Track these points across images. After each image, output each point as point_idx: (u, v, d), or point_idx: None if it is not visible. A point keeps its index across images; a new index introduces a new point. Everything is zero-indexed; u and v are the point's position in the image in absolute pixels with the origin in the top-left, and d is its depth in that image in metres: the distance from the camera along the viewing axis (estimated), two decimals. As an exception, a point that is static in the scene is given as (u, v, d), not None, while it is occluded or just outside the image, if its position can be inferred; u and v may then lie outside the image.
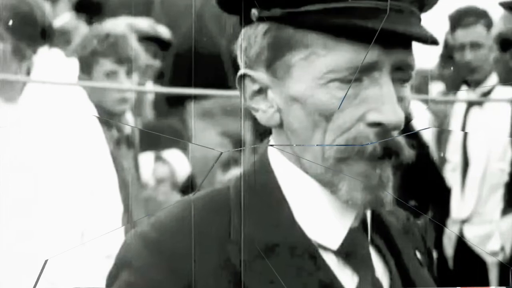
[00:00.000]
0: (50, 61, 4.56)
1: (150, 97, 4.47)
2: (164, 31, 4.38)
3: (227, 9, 1.41)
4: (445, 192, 4.10)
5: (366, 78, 1.21)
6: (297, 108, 1.23)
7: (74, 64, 4.59)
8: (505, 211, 4.16)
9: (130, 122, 4.51)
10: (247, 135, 4.02)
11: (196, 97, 4.27)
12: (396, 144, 1.23)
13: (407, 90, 1.28)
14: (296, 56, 1.22)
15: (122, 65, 4.51)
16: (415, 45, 1.26)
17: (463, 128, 4.05)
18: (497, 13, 4.02)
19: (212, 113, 4.23)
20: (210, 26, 3.82)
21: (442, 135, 4.05)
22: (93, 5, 4.56)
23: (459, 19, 3.90)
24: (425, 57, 3.07)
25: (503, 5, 4.06)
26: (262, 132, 3.30)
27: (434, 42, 1.29)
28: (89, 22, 4.58)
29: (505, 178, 4.16)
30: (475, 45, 4.01)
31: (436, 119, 3.98)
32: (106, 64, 4.54)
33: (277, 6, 1.23)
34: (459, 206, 4.13)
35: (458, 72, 3.96)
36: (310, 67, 1.21)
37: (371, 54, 1.19)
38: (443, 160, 4.06)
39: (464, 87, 4.05)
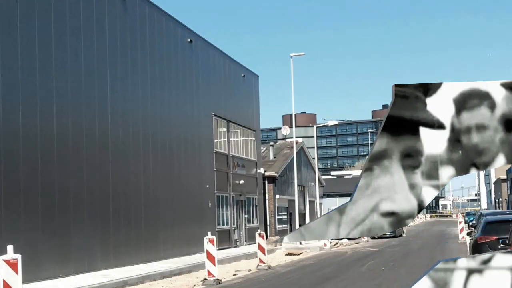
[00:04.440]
0: None
1: None
2: None
3: None
4: None
5: (376, 167, 1.20)
6: None
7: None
8: None
9: None
10: None
11: None
12: None
13: (418, 177, 1.26)
14: None
15: None
16: (423, 130, 1.25)
17: None
18: (499, 94, 4.02)
19: None
20: None
21: None
22: None
23: (463, 102, 3.87)
24: (433, 142, 3.03)
25: (504, 85, 4.07)
26: None
27: (440, 126, 1.28)
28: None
29: None
30: (480, 127, 3.96)
31: (436, 287, 3.88)
32: None
33: None
34: None
35: (467, 155, 3.89)
36: None
37: (380, 142, 1.18)
38: None
39: (473, 170, 3.99)
